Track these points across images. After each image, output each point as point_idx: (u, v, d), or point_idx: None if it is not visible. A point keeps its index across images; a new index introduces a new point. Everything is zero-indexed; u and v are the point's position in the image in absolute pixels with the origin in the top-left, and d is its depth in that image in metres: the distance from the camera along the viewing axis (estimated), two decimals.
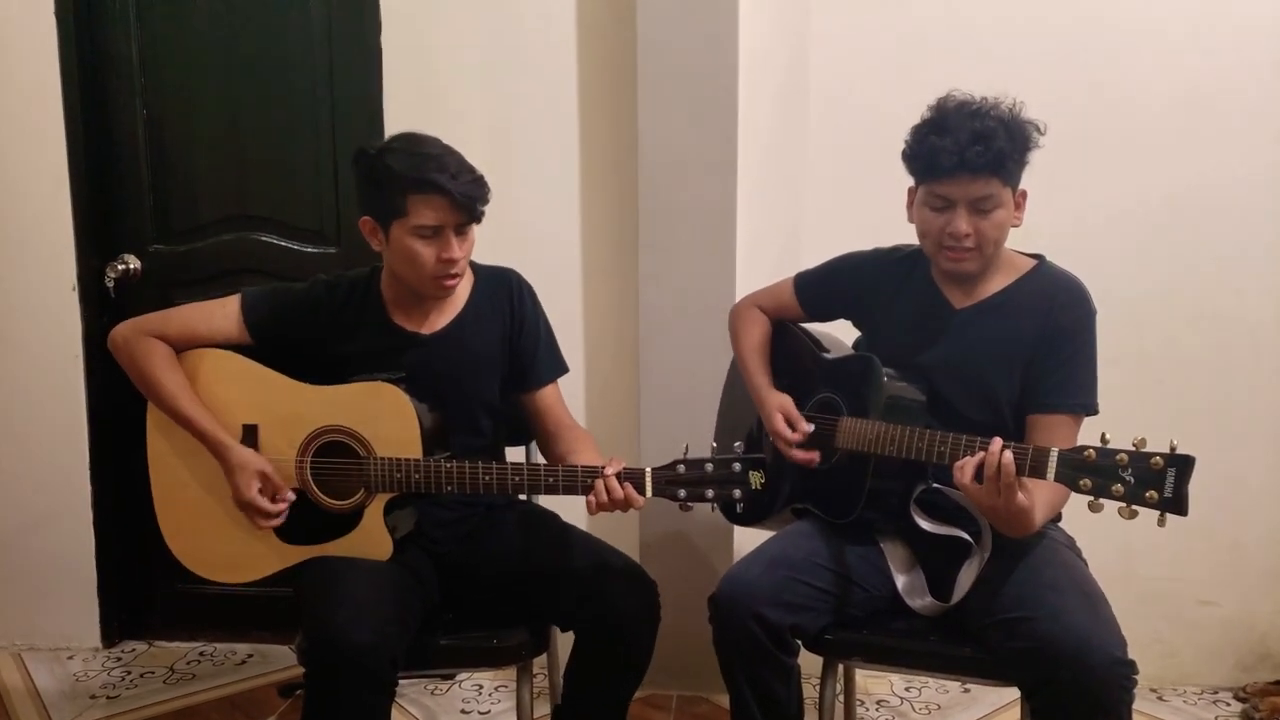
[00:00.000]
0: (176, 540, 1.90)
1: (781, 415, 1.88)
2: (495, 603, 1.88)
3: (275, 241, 2.71)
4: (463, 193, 1.74)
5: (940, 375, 1.80)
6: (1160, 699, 2.55)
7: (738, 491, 1.68)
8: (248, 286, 1.94)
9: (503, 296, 1.96)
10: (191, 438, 1.83)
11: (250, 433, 1.85)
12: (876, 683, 2.62)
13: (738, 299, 2.21)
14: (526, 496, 2.02)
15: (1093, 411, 1.77)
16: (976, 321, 1.81)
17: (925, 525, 1.77)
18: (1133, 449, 1.41)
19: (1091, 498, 1.44)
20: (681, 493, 1.69)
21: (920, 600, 1.80)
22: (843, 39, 2.48)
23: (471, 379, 1.92)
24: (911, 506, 1.77)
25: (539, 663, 1.96)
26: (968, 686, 2.56)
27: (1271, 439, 2.51)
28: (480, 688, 2.63)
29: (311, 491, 1.82)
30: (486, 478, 1.75)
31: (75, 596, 2.79)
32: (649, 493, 1.70)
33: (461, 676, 2.67)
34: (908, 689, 2.61)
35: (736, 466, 1.68)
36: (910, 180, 1.79)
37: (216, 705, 2.54)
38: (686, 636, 2.01)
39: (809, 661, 1.80)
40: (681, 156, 2.39)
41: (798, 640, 1.77)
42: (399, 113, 2.53)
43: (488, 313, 1.94)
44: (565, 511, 2.02)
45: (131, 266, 2.72)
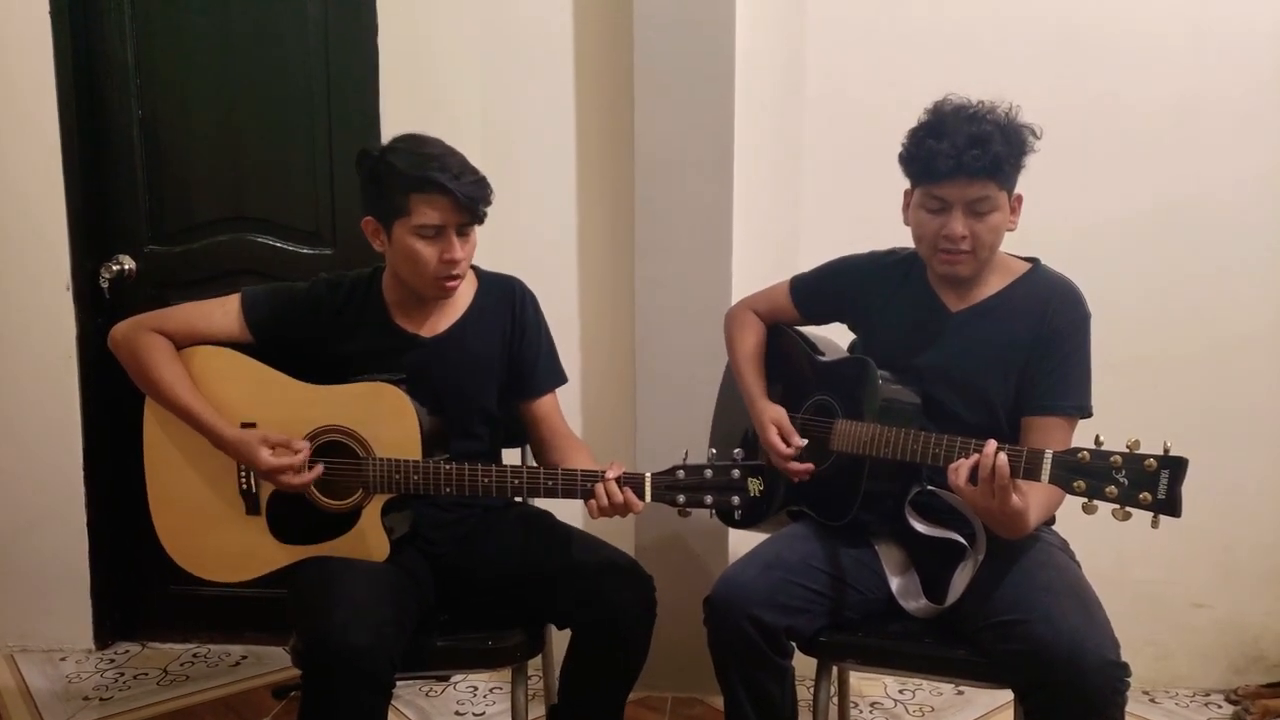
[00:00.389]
0: (171, 539, 1.89)
1: (775, 428, 1.89)
2: (492, 604, 1.88)
3: (270, 242, 2.71)
4: (465, 193, 1.74)
5: (935, 378, 1.81)
6: (1153, 701, 2.56)
7: (736, 498, 1.68)
8: (244, 287, 1.93)
9: (505, 303, 1.96)
10: (189, 435, 1.82)
11: None
12: (870, 685, 2.62)
13: (734, 301, 2.21)
14: (524, 499, 2.02)
15: (1087, 414, 1.77)
16: (971, 324, 1.81)
17: (920, 528, 1.77)
18: (1126, 451, 1.42)
19: (1085, 499, 1.44)
20: (681, 498, 1.69)
21: (915, 602, 1.81)
22: (839, 42, 2.48)
23: (471, 384, 1.92)
24: (906, 509, 1.78)
25: (534, 663, 1.96)
26: (961, 689, 2.57)
27: (1265, 443, 2.52)
28: (475, 689, 2.63)
29: (310, 491, 1.82)
30: (486, 480, 1.75)
31: (68, 597, 2.78)
32: (648, 498, 1.70)
33: (456, 678, 2.67)
34: (901, 691, 2.61)
35: (735, 473, 1.68)
36: (906, 183, 1.80)
37: (210, 707, 2.53)
38: (681, 638, 2.01)
39: (803, 663, 1.80)
40: (677, 159, 2.40)
41: (792, 642, 1.77)
42: (395, 114, 2.53)
43: (489, 319, 1.94)
44: (560, 512, 2.01)
45: (126, 267, 2.72)
